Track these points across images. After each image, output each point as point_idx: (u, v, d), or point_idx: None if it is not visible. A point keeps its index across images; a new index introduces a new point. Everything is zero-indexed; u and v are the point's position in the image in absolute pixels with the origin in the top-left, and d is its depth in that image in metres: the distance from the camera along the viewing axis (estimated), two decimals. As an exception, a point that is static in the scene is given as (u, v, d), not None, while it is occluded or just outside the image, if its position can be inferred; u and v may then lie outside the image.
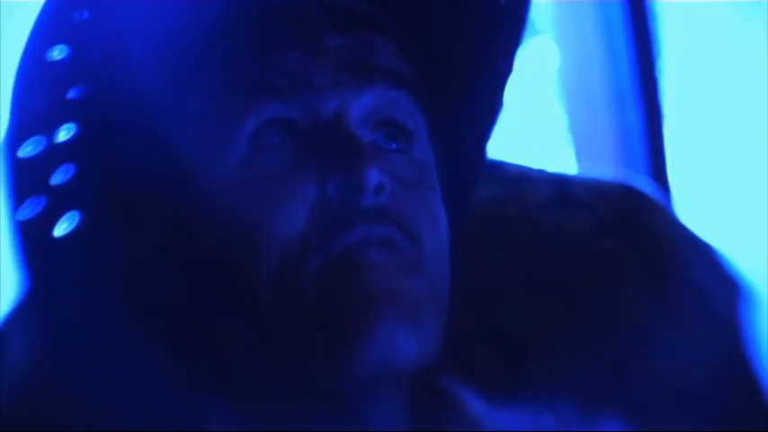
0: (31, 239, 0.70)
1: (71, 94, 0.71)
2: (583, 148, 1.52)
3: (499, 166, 0.99)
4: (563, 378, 0.89)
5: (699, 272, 0.97)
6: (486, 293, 0.92)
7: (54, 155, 0.70)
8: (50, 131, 0.70)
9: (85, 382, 0.74)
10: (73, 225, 0.71)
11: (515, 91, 0.80)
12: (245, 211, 0.68)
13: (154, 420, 0.71)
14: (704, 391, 0.92)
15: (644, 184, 1.02)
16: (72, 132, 0.71)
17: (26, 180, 0.70)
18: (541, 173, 0.99)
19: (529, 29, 0.78)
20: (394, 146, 0.72)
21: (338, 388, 0.68)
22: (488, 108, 0.79)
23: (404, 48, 0.75)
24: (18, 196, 0.70)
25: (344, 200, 0.67)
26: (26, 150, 0.70)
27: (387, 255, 0.67)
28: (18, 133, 0.70)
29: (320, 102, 0.70)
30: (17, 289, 0.73)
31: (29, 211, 0.70)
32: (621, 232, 0.96)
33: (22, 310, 0.81)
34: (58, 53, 0.70)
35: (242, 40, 0.71)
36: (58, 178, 0.71)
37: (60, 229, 0.71)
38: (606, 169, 1.43)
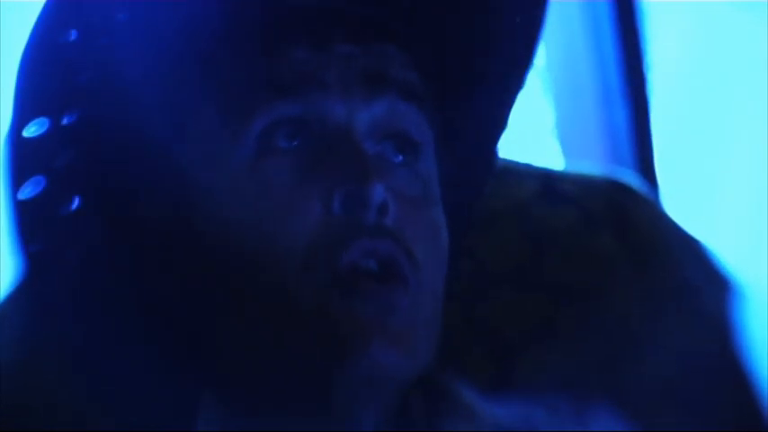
0: (30, 219, 0.70)
1: (80, 78, 0.71)
2: (570, 144, 1.52)
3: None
4: (552, 374, 0.89)
5: (687, 267, 0.97)
6: (472, 289, 0.92)
7: (58, 137, 0.71)
8: (56, 114, 0.71)
9: (77, 369, 0.75)
10: (72, 208, 0.71)
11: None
12: (249, 217, 0.68)
13: (141, 412, 0.72)
14: (693, 387, 0.92)
15: (631, 179, 1.02)
16: (76, 117, 0.71)
17: (28, 160, 0.70)
18: (528, 167, 0.99)
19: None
20: (400, 158, 0.72)
21: (327, 392, 0.68)
22: (498, 119, 0.80)
23: (417, 59, 0.74)
24: (19, 176, 0.70)
25: (348, 215, 0.67)
26: (30, 131, 0.70)
27: (385, 276, 0.67)
28: (24, 113, 0.70)
29: (328, 103, 0.70)
30: (12, 274, 0.73)
31: (29, 190, 0.70)
32: (609, 228, 0.96)
33: (16, 296, 0.81)
34: (69, 36, 0.70)
35: (249, 41, 0.71)
36: (59, 160, 0.71)
37: (60, 211, 0.71)
38: (593, 165, 1.43)
